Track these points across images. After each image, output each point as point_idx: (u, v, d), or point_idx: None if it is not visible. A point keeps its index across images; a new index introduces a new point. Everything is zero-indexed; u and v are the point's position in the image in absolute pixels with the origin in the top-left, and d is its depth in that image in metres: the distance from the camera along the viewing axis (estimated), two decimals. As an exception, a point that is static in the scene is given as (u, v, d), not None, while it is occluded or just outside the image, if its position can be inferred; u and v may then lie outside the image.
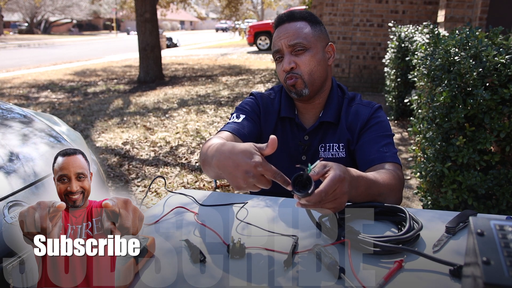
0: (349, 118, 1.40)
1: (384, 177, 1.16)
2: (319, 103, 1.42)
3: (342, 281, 0.79)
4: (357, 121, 1.39)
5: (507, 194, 2.01)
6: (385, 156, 1.28)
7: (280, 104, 1.46)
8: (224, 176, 0.96)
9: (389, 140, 1.35)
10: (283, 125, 1.45)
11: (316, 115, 1.43)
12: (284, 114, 1.43)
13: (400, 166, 1.28)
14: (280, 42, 1.34)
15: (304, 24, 1.35)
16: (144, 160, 4.24)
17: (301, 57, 1.32)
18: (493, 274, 0.50)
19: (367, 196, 1.07)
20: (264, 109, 1.46)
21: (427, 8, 7.33)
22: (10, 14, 45.25)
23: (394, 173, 1.21)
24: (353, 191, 0.98)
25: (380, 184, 1.12)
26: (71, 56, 17.14)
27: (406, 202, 3.25)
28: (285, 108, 1.44)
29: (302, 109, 1.44)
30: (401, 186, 1.22)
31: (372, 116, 1.39)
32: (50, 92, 8.35)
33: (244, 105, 1.47)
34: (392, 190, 1.15)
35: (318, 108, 1.42)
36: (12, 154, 1.51)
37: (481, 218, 0.60)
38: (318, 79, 1.36)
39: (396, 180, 1.19)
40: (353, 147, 1.39)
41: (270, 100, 1.48)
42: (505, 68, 1.93)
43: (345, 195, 0.91)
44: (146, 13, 8.86)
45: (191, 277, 0.82)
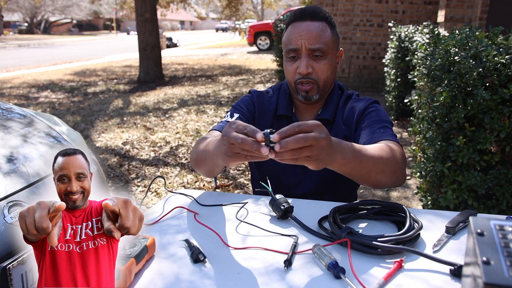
0: (345, 113, 1.38)
1: (377, 149, 1.07)
2: (320, 103, 1.40)
3: (342, 281, 0.79)
4: (353, 114, 1.36)
5: (507, 194, 2.01)
6: (381, 135, 1.22)
7: (277, 102, 1.43)
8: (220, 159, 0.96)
9: (387, 125, 1.29)
10: (279, 124, 1.41)
11: (314, 113, 1.40)
12: (281, 112, 1.40)
13: (398, 144, 1.21)
14: (300, 41, 1.27)
15: (325, 26, 1.30)
16: (144, 160, 4.24)
17: (320, 63, 1.28)
18: (493, 274, 0.50)
19: (357, 166, 1.00)
20: (260, 108, 1.43)
21: (427, 8, 7.33)
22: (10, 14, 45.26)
23: (392, 148, 1.13)
24: (338, 155, 0.92)
25: (372, 154, 1.04)
26: (71, 56, 17.14)
27: (406, 202, 3.25)
28: (283, 106, 1.41)
29: (301, 108, 1.41)
30: (401, 162, 1.13)
31: (368, 106, 1.36)
32: (50, 92, 8.35)
33: (239, 104, 1.44)
34: (389, 164, 1.07)
35: (318, 108, 1.40)
36: (12, 154, 1.51)
37: (481, 218, 0.60)
38: (330, 86, 1.35)
39: (393, 153, 1.11)
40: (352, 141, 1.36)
41: (268, 98, 1.45)
42: (505, 68, 1.93)
43: (324, 143, 0.84)
44: (146, 13, 8.85)
45: (191, 277, 0.82)
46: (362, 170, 1.02)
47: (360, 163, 1.00)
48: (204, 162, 1.15)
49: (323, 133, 0.83)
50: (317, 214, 1.06)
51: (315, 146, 0.82)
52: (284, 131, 0.81)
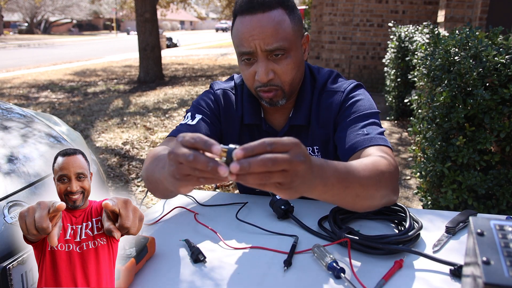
0: (321, 113, 1.17)
1: (366, 167, 0.86)
2: (290, 103, 1.19)
3: (342, 281, 0.79)
4: (330, 113, 1.16)
5: (507, 194, 2.01)
6: (366, 140, 1.02)
7: (242, 107, 1.21)
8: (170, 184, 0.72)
9: (370, 120, 1.08)
10: (250, 132, 1.23)
11: (286, 115, 1.21)
12: (249, 121, 1.20)
13: (389, 149, 1.01)
14: (253, 42, 1.03)
15: (282, 14, 1.04)
16: (144, 160, 4.24)
17: (281, 65, 1.06)
18: (493, 274, 0.50)
19: (341, 193, 0.78)
20: (226, 111, 1.23)
21: (427, 8, 7.33)
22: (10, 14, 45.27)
23: (383, 162, 0.91)
24: (318, 182, 0.71)
25: (360, 177, 0.82)
26: (71, 56, 17.14)
27: (406, 202, 3.25)
28: (249, 114, 1.20)
29: (269, 111, 1.21)
30: (394, 178, 0.93)
31: (345, 99, 1.15)
32: (50, 92, 8.34)
33: (201, 103, 1.22)
34: (380, 187, 0.87)
35: (288, 109, 1.20)
36: (12, 154, 1.51)
37: (481, 218, 0.60)
38: (298, 84, 1.15)
39: (384, 170, 0.89)
40: (331, 146, 1.17)
41: (233, 99, 1.24)
42: (505, 68, 1.93)
43: (301, 168, 0.64)
44: (146, 13, 8.85)
45: (191, 277, 0.82)
46: (347, 197, 0.81)
47: (345, 190, 0.78)
48: (155, 185, 0.94)
49: (300, 155, 0.64)
50: (317, 214, 1.06)
51: (289, 172, 0.63)
52: (251, 147, 0.61)
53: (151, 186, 0.98)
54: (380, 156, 0.95)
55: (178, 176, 0.66)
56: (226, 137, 1.24)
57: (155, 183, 0.93)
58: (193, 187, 0.69)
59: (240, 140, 1.21)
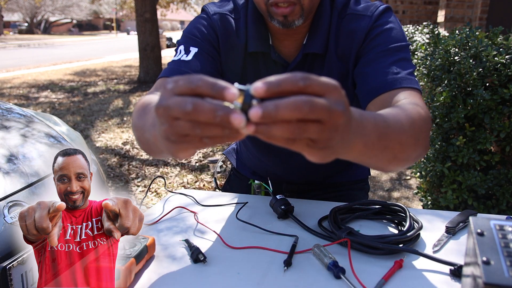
0: (340, 42, 0.97)
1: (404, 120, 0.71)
2: (304, 26, 0.97)
3: (342, 281, 0.79)
4: (352, 42, 0.96)
5: (507, 194, 2.01)
6: (396, 80, 0.86)
7: (246, 32, 1.01)
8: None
9: (401, 55, 0.90)
10: (255, 63, 1.03)
11: (299, 42, 0.99)
12: (254, 48, 1.00)
13: (420, 94, 0.87)
14: None
15: None
16: (144, 160, 4.24)
17: None
18: (493, 274, 0.50)
19: (379, 154, 0.64)
20: (225, 39, 1.01)
21: (427, 8, 7.33)
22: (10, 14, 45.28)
23: (419, 114, 0.76)
24: (358, 141, 0.56)
25: (399, 133, 0.68)
26: (71, 56, 17.13)
27: (406, 202, 3.25)
28: (255, 39, 1.00)
29: (279, 37, 1.00)
30: (428, 129, 0.79)
31: (372, 27, 0.94)
32: (50, 92, 8.34)
33: (194, 33, 1.00)
34: (417, 145, 0.73)
35: (302, 33, 0.98)
36: (12, 154, 1.51)
37: (481, 218, 0.60)
38: (317, 2, 0.94)
39: (421, 124, 0.75)
40: (350, 82, 0.99)
41: (233, 24, 1.02)
42: (505, 68, 1.93)
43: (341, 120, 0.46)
44: (146, 13, 8.85)
45: (191, 277, 0.82)
46: (384, 159, 0.66)
47: (383, 150, 0.63)
48: (147, 146, 0.73)
49: (341, 103, 0.46)
50: (317, 214, 1.06)
51: (327, 125, 0.45)
52: (277, 81, 0.43)
53: (144, 147, 0.76)
54: (416, 105, 0.79)
55: (173, 137, 0.47)
56: (227, 66, 1.03)
57: (146, 144, 0.72)
58: (195, 150, 0.50)
59: (244, 76, 1.03)
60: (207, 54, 0.98)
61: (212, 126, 0.43)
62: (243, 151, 1.36)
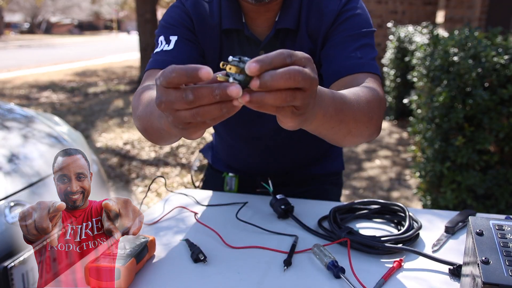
0: (311, 20, 1.01)
1: (360, 99, 0.79)
2: (277, 4, 1.00)
3: (342, 281, 0.79)
4: (321, 23, 0.99)
5: (506, 193, 2.02)
6: (358, 65, 0.92)
7: (220, 12, 1.04)
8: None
9: (366, 41, 0.96)
10: (229, 40, 1.05)
11: (271, 20, 1.02)
12: (228, 25, 1.02)
13: (379, 78, 0.94)
14: None
15: None
16: (145, 160, 4.24)
17: None
18: (492, 273, 0.50)
19: (336, 127, 0.72)
20: (200, 23, 1.04)
21: (426, 8, 7.33)
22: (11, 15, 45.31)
23: (375, 95, 0.84)
24: (319, 111, 0.63)
25: (355, 111, 0.75)
26: (71, 56, 17.14)
27: (406, 202, 3.26)
28: (228, 17, 1.02)
29: (252, 14, 1.02)
30: (382, 111, 0.86)
31: (343, 9, 0.98)
32: (51, 92, 8.35)
33: (171, 22, 1.03)
34: (370, 124, 0.81)
35: (274, 11, 1.01)
36: (13, 154, 1.51)
37: (480, 217, 0.60)
38: None
39: (375, 105, 0.82)
40: (317, 60, 1.02)
41: (206, 7, 1.05)
42: (504, 69, 1.93)
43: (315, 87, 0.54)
44: (147, 14, 8.86)
45: (191, 277, 0.82)
46: (340, 132, 0.74)
47: (339, 124, 0.71)
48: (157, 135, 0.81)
49: (316, 73, 0.54)
50: (317, 214, 1.06)
51: (307, 92, 0.52)
52: (268, 58, 0.49)
53: (152, 137, 0.84)
54: (372, 88, 0.86)
55: (180, 126, 0.55)
56: (206, 54, 1.07)
57: (157, 133, 0.79)
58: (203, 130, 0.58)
59: (221, 54, 1.06)
60: (187, 40, 1.01)
61: (212, 108, 0.50)
62: (218, 144, 1.36)
